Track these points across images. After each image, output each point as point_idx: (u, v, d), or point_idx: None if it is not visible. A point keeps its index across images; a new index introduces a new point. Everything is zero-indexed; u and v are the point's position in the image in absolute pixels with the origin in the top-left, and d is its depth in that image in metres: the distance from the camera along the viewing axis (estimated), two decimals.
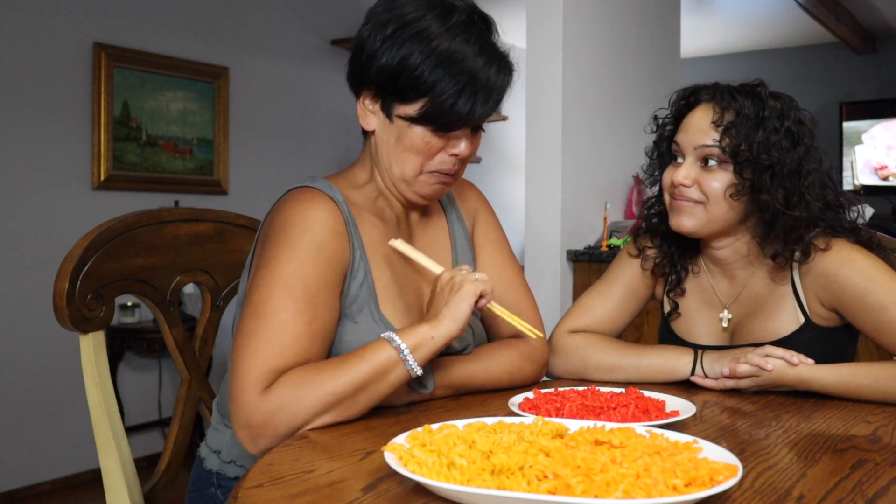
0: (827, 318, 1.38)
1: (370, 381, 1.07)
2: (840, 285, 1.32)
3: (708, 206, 1.35)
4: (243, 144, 4.51)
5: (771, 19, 5.88)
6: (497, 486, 0.75)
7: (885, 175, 6.09)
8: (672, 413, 1.09)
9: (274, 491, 0.82)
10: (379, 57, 1.18)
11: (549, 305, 3.14)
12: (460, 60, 1.15)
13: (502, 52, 1.22)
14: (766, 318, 1.40)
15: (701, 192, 1.35)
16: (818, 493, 0.82)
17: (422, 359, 1.11)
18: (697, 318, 1.48)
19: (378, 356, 1.08)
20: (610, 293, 1.52)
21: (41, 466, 3.65)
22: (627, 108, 3.52)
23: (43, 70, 3.65)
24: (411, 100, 1.18)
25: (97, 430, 1.29)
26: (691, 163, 1.36)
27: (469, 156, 1.24)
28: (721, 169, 1.34)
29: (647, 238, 1.52)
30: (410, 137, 1.20)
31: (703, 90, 1.40)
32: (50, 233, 3.64)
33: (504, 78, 1.20)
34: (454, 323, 1.12)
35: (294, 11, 4.73)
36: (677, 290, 1.49)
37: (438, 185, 1.25)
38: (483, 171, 5.90)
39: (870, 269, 1.31)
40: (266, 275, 1.12)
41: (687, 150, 1.37)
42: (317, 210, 1.18)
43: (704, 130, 1.35)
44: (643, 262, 1.52)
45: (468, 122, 1.18)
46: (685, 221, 1.37)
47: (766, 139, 1.31)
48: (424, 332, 1.11)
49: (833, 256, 1.33)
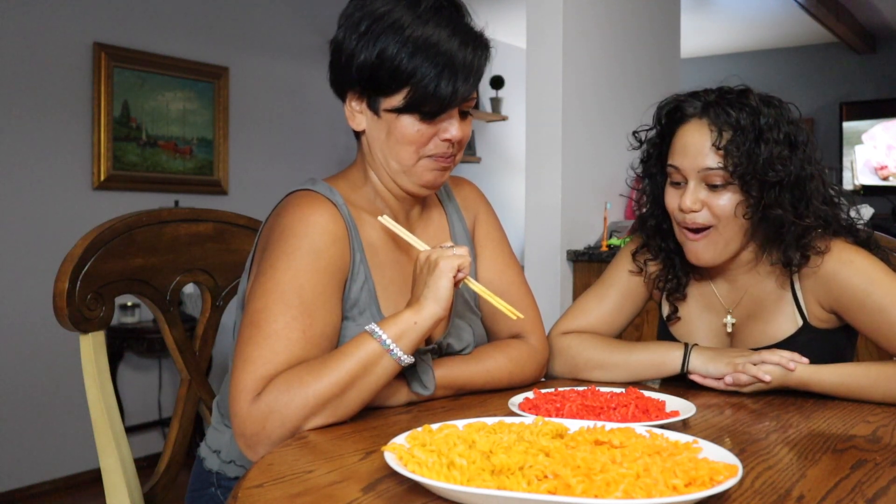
0: (825, 319, 1.37)
1: (356, 376, 1.07)
2: (840, 287, 1.32)
3: (720, 227, 1.33)
4: (243, 144, 4.51)
5: (771, 19, 5.88)
6: (497, 486, 0.75)
7: (885, 175, 6.09)
8: (672, 413, 1.09)
9: (274, 491, 0.82)
10: (357, 55, 1.20)
11: (549, 305, 3.14)
12: (436, 44, 1.17)
13: (476, 32, 1.23)
14: (764, 322, 1.40)
15: (711, 214, 1.32)
16: (818, 493, 0.82)
17: (408, 346, 1.10)
18: (697, 323, 1.47)
19: (361, 351, 1.08)
20: (606, 296, 1.51)
21: (41, 466, 3.65)
22: (627, 108, 3.51)
23: (43, 70, 3.65)
24: (394, 91, 1.19)
25: (97, 430, 1.29)
26: (695, 186, 1.32)
27: (462, 140, 1.24)
28: (727, 189, 1.31)
29: (646, 251, 1.50)
30: (400, 129, 1.21)
31: (688, 104, 1.35)
32: (50, 233, 3.64)
33: (481, 56, 1.21)
34: (436, 303, 1.11)
35: (294, 11, 4.73)
36: (678, 295, 1.48)
37: (437, 170, 1.25)
38: (483, 171, 5.90)
39: (869, 270, 1.30)
40: (264, 283, 1.13)
41: (689, 174, 1.32)
42: (317, 215, 1.18)
43: (705, 153, 1.30)
44: (645, 278, 1.51)
45: (452, 103, 1.19)
46: (703, 256, 1.35)
47: (770, 154, 1.28)
48: (407, 318, 1.10)
49: (832, 258, 1.33)
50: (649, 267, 1.50)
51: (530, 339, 1.36)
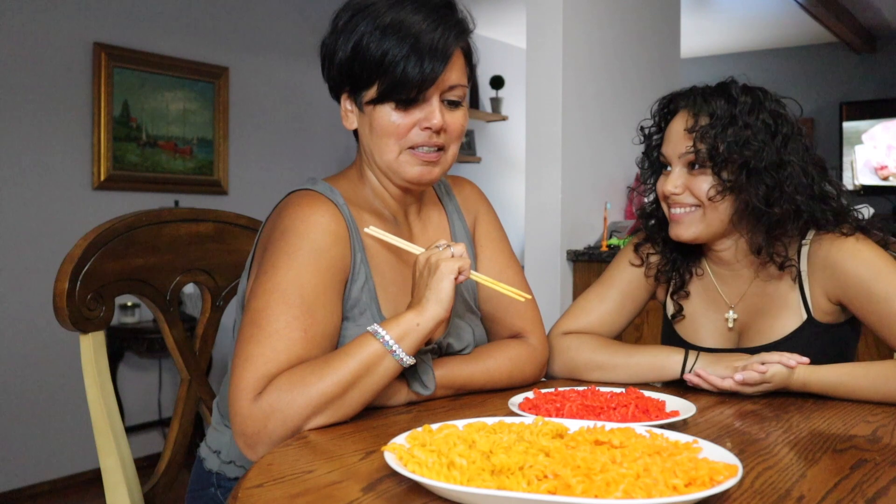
0: (830, 312, 1.38)
1: (359, 376, 1.07)
2: (847, 276, 1.33)
3: (705, 210, 1.37)
4: (243, 144, 4.51)
5: (771, 19, 5.88)
6: (497, 486, 0.75)
7: (885, 175, 6.09)
8: (672, 413, 1.09)
9: (274, 491, 0.82)
10: (338, 52, 1.21)
11: (549, 305, 3.14)
12: (404, 28, 1.17)
13: (454, 15, 1.22)
14: (770, 317, 1.40)
15: (693, 196, 1.38)
16: (818, 493, 0.82)
17: (410, 347, 1.10)
18: (702, 321, 1.48)
19: (364, 351, 1.07)
20: (607, 296, 1.52)
21: (41, 466, 3.65)
22: (627, 108, 3.51)
23: (43, 70, 3.65)
24: (369, 82, 1.20)
25: (97, 430, 1.29)
26: (679, 170, 1.39)
27: (448, 130, 1.22)
28: (704, 173, 1.36)
29: (649, 246, 1.53)
30: (378, 120, 1.21)
31: (681, 97, 1.43)
32: (50, 233, 3.64)
33: (449, 37, 1.19)
34: (438, 305, 1.11)
35: (294, 11, 4.73)
36: (681, 292, 1.49)
37: (421, 166, 1.23)
38: (483, 171, 5.90)
39: (876, 260, 1.32)
40: (265, 282, 1.13)
41: (672, 159, 1.40)
42: (317, 215, 1.18)
43: (683, 138, 1.37)
44: (646, 270, 1.52)
45: (422, 86, 1.18)
46: (683, 232, 1.40)
47: (737, 136, 1.33)
48: (409, 319, 1.10)
49: (840, 248, 1.34)
50: (650, 259, 1.52)
51: (530, 339, 1.36)
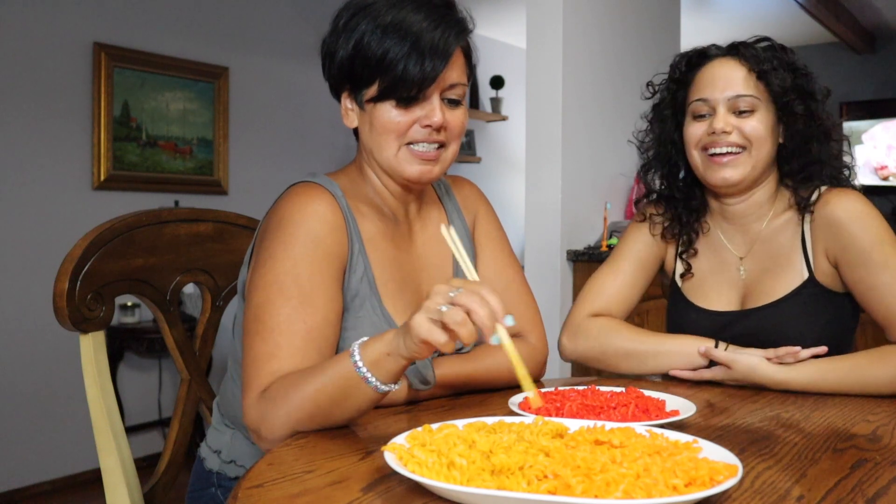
0: (829, 275, 1.39)
1: (336, 400, 1.01)
2: (849, 237, 1.35)
3: (752, 150, 1.40)
4: (243, 144, 4.51)
5: (771, 19, 5.87)
6: (497, 486, 0.75)
7: (885, 175, 6.09)
8: (672, 413, 1.09)
9: (274, 491, 0.82)
10: (338, 51, 1.22)
11: (549, 305, 3.14)
12: (404, 27, 1.17)
13: (454, 14, 1.22)
14: (774, 276, 1.42)
15: (742, 136, 1.39)
16: (818, 493, 0.82)
17: (386, 376, 0.98)
18: (710, 280, 1.49)
19: (338, 373, 1.00)
20: (620, 269, 1.54)
21: (41, 466, 3.64)
22: (627, 108, 3.51)
23: (43, 70, 3.65)
24: (370, 80, 1.20)
25: (97, 430, 1.30)
26: (725, 113, 1.40)
27: (448, 128, 1.22)
28: (754, 115, 1.39)
29: (651, 204, 1.55)
30: (379, 118, 1.21)
31: (710, 49, 1.46)
32: (50, 233, 3.64)
33: (450, 36, 1.19)
34: (409, 339, 0.94)
35: (294, 11, 4.72)
36: (690, 250, 1.51)
37: (420, 164, 1.23)
38: (483, 171, 5.90)
39: (880, 229, 1.34)
40: (264, 274, 1.13)
41: (718, 103, 1.41)
42: (314, 204, 1.18)
43: (736, 81, 1.40)
44: (651, 228, 1.53)
45: (423, 84, 1.18)
46: (731, 173, 1.41)
47: (795, 78, 1.40)
48: (386, 343, 0.97)
49: (846, 209, 1.36)
50: (654, 219, 1.53)
51: (530, 338, 1.36)
